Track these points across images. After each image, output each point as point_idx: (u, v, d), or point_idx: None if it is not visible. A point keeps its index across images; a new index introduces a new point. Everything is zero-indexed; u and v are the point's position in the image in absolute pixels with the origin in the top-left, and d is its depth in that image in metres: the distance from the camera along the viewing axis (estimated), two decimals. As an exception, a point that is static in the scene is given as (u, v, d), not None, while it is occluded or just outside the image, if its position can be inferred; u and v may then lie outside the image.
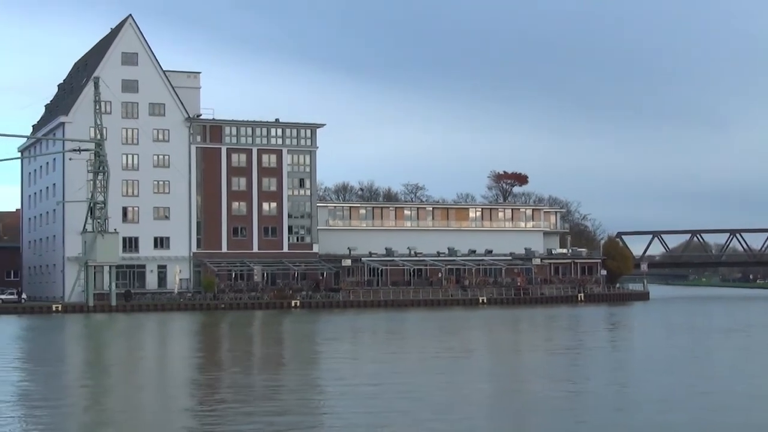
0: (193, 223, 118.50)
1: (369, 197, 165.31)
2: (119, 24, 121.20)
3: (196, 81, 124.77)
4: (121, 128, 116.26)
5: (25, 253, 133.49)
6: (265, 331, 70.17)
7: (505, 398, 30.43)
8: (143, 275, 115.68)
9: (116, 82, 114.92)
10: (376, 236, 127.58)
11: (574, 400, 29.84)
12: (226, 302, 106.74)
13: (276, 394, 30.53)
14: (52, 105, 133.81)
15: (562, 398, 30.04)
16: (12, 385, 33.25)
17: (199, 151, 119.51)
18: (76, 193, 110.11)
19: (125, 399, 30.15)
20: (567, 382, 33.93)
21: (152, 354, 49.22)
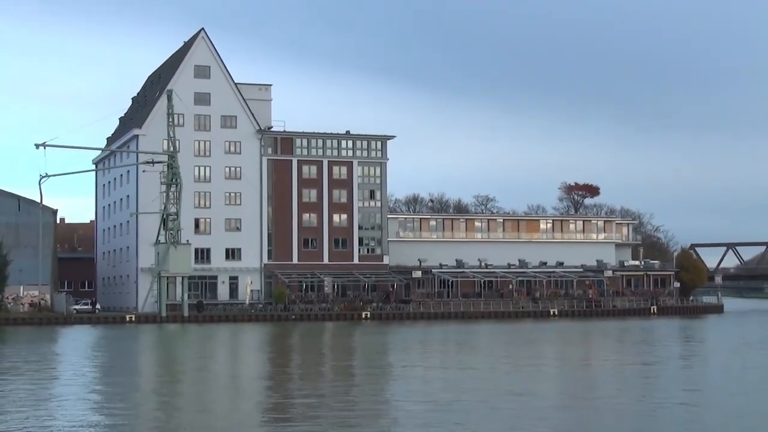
0: (264, 234, 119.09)
1: (439, 209, 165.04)
2: (192, 38, 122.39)
3: (268, 93, 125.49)
4: (194, 140, 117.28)
5: (100, 263, 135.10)
6: (335, 342, 70.26)
7: (575, 411, 30.11)
8: (215, 286, 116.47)
9: (189, 94, 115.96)
10: (446, 248, 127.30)
11: (646, 415, 29.43)
12: (297, 313, 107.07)
13: (346, 404, 30.50)
14: (126, 118, 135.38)
15: (631, 413, 29.66)
16: (89, 394, 33.60)
17: (270, 162, 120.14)
18: (149, 204, 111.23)
19: (198, 408, 30.31)
20: (638, 397, 33.47)
21: (224, 364, 49.47)
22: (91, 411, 28.84)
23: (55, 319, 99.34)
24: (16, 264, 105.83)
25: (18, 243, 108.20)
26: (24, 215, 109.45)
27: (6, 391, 32.78)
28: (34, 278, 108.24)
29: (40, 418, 27.07)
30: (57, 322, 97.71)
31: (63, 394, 32.89)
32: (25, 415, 27.49)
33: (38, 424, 26.05)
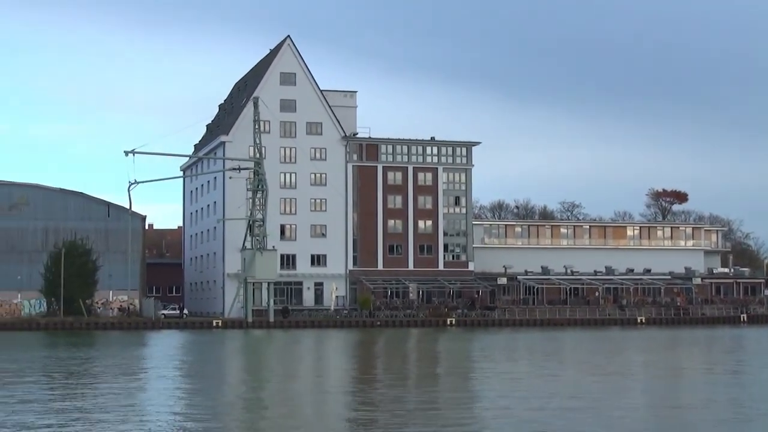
0: (349, 240, 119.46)
1: (525, 215, 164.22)
2: (278, 45, 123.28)
3: (353, 100, 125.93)
4: (280, 147, 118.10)
5: (187, 269, 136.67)
6: (420, 348, 70.09)
7: (664, 421, 29.60)
8: (300, 292, 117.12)
9: (275, 101, 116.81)
10: (532, 254, 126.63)
11: (735, 427, 28.83)
12: (382, 320, 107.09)
13: (432, 411, 30.35)
14: (213, 125, 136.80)
15: (720, 424, 29.08)
16: (176, 398, 33.88)
17: (355, 169, 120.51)
18: (235, 210, 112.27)
19: (284, 412, 30.39)
20: (729, 407, 32.81)
21: (310, 369, 49.61)
22: (178, 415, 29.04)
23: (143, 324, 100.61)
24: (106, 269, 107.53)
25: (108, 248, 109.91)
26: (113, 221, 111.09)
27: (95, 396, 33.16)
28: (123, 283, 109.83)
29: (129, 421, 27.32)
30: (145, 327, 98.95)
31: (151, 398, 33.19)
32: (114, 418, 27.76)
33: (128, 428, 26.28)
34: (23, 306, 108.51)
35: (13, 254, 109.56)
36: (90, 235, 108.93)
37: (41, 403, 30.86)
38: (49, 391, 34.72)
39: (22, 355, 57.99)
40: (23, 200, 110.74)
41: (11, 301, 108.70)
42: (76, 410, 29.30)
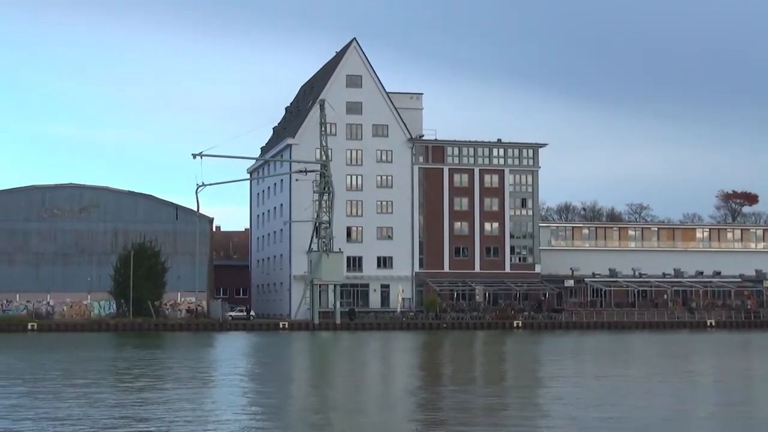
0: (415, 242, 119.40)
1: (592, 217, 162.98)
2: (344, 48, 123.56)
3: (419, 102, 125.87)
4: (346, 149, 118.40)
5: (254, 271, 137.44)
6: (487, 350, 69.81)
7: (735, 426, 29.14)
8: (367, 294, 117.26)
9: (341, 104, 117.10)
10: (599, 257, 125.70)
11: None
12: (448, 322, 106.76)
13: (498, 414, 30.18)
14: (279, 127, 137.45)
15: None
16: (243, 399, 34.03)
17: (421, 171, 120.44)
18: (302, 213, 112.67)
19: (351, 413, 30.40)
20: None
21: (377, 371, 49.60)
22: (245, 416, 29.15)
23: (211, 326, 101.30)
24: (174, 271, 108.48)
25: (176, 251, 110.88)
26: (182, 224, 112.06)
27: (164, 398, 33.41)
28: (191, 285, 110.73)
29: (197, 422, 27.46)
30: (213, 329, 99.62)
31: (218, 400, 33.36)
32: (182, 419, 27.93)
33: (196, 428, 26.42)
34: (93, 307, 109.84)
35: (84, 256, 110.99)
36: (158, 237, 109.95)
37: (109, 404, 31.14)
38: (119, 392, 35.03)
39: (93, 355, 58.62)
40: (93, 203, 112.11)
41: (81, 302, 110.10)
42: (145, 411, 29.52)
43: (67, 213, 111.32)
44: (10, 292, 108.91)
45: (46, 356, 56.32)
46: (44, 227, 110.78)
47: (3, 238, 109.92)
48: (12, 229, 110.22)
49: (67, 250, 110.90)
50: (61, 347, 66.88)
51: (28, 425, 26.12)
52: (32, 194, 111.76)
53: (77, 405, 30.59)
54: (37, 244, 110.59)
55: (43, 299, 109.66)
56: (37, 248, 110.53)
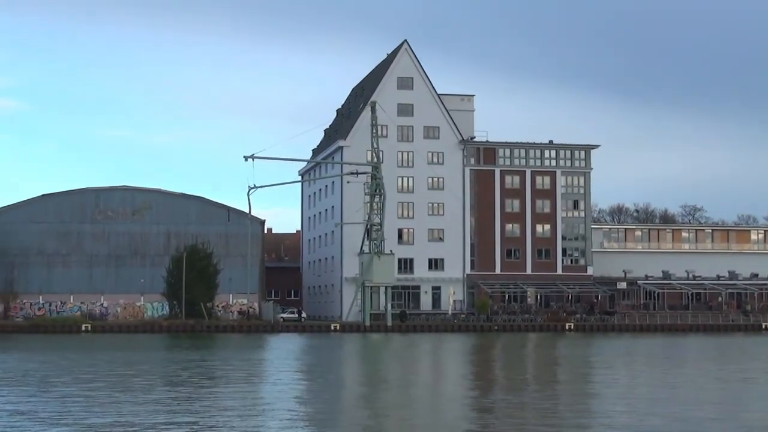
0: (467, 244, 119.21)
1: (645, 219, 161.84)
2: (395, 50, 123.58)
3: (470, 104, 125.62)
4: (397, 151, 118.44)
5: (305, 273, 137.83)
6: (539, 353, 69.42)
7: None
8: (418, 296, 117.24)
9: (392, 106, 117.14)
10: (652, 259, 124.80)
11: None
12: (499, 324, 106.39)
13: (550, 418, 29.95)
14: (330, 130, 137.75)
15: None
16: (295, 401, 34.06)
17: (472, 173, 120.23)
18: (353, 215, 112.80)
19: (403, 416, 30.33)
20: None
21: (428, 373, 49.50)
22: (296, 419, 29.16)
23: (262, 327, 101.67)
24: (226, 273, 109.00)
25: (228, 253, 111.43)
26: (233, 226, 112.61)
27: (216, 399, 33.52)
28: (243, 287, 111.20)
29: (249, 423, 27.53)
30: (264, 330, 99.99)
31: (269, 401, 33.42)
32: (234, 419, 28.01)
33: (248, 429, 26.48)
34: (146, 309, 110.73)
35: (137, 258, 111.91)
36: (210, 239, 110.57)
37: (165, 404, 31.29)
38: (174, 392, 35.20)
39: (147, 356, 59.02)
40: (146, 205, 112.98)
41: (135, 303, 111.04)
42: (199, 410, 29.63)
43: (120, 215, 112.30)
44: (64, 294, 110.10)
45: (98, 357, 56.75)
46: (98, 229, 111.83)
47: (58, 240, 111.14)
48: (67, 231, 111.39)
49: (120, 252, 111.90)
50: (114, 348, 67.40)
51: (83, 427, 26.28)
52: (86, 196, 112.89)
53: (129, 405, 30.77)
54: (91, 246, 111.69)
55: (97, 301, 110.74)
56: (91, 250, 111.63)
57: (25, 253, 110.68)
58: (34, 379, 41.07)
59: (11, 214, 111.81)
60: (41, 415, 28.58)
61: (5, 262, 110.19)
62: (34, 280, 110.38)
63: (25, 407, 30.52)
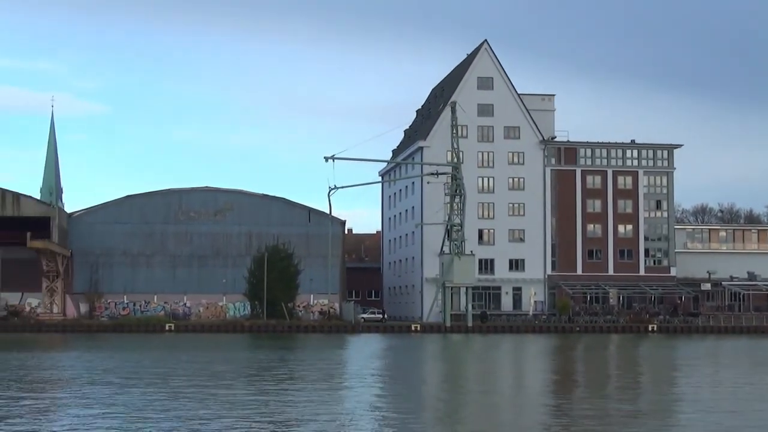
0: (547, 245, 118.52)
1: (729, 219, 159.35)
2: (475, 50, 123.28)
3: (551, 103, 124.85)
4: (477, 152, 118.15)
5: (386, 273, 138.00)
6: (622, 355, 68.69)
7: None
8: (498, 297, 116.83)
9: (472, 106, 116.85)
10: (737, 259, 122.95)
11: None
12: (581, 325, 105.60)
13: (633, 421, 29.57)
14: (410, 130, 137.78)
15: None
16: (376, 401, 34.07)
17: (553, 173, 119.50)
18: (433, 215, 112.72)
19: (483, 419, 30.18)
20: None
21: (509, 374, 49.24)
22: (376, 420, 29.15)
23: (343, 328, 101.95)
24: (307, 273, 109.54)
25: (309, 253, 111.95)
26: (314, 226, 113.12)
27: (296, 400, 33.64)
28: (324, 287, 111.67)
29: (331, 423, 27.57)
30: (345, 331, 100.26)
31: (350, 401, 33.46)
32: (315, 419, 28.08)
33: (328, 429, 26.52)
34: (228, 309, 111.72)
35: (219, 258, 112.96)
36: (291, 239, 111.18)
37: (244, 404, 31.48)
38: (255, 392, 35.41)
39: (230, 356, 59.49)
40: (228, 206, 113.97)
41: (217, 304, 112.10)
42: (279, 411, 29.76)
43: (202, 216, 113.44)
44: (148, 294, 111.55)
45: (182, 356, 57.30)
46: (181, 230, 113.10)
47: (142, 241, 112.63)
48: (150, 231, 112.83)
49: (202, 253, 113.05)
50: (197, 348, 68.04)
51: (168, 425, 26.54)
52: (169, 197, 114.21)
53: (214, 404, 31.00)
54: (173, 247, 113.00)
55: (180, 300, 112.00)
56: (173, 250, 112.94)
57: (109, 253, 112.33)
58: (150, 375, 41.58)
59: (96, 215, 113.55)
60: (155, 408, 28.95)
61: (90, 262, 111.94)
62: (118, 281, 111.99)
63: (140, 402, 30.92)
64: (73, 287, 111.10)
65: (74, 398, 32.85)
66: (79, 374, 42.99)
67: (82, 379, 40.51)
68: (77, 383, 38.35)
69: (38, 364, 49.92)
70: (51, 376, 42.80)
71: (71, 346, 71.15)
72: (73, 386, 37.01)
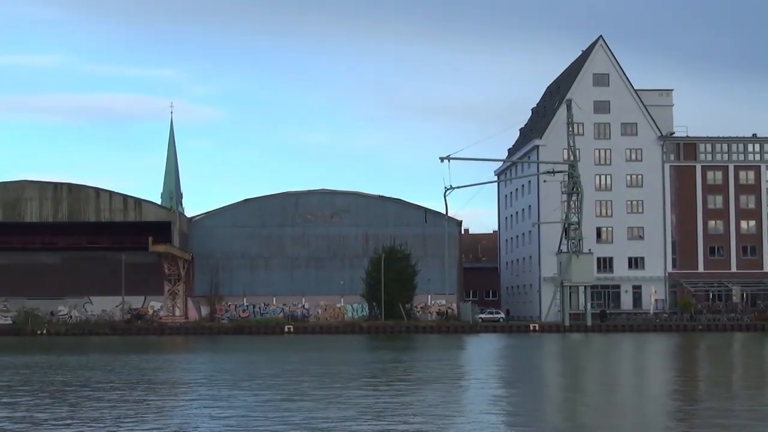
0: (667, 242, 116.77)
1: None
2: (590, 46, 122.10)
3: (669, 99, 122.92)
4: (594, 149, 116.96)
5: (503, 273, 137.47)
6: (746, 354, 67.16)
7: None
8: (618, 295, 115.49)
9: (588, 103, 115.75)
10: None
11: None
12: (703, 323, 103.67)
13: (760, 424, 28.85)
14: (526, 129, 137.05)
15: None
16: (496, 401, 33.89)
17: (672, 169, 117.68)
18: (550, 214, 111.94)
19: (604, 421, 29.79)
20: None
21: (630, 375, 48.54)
22: (495, 423, 28.98)
23: (461, 328, 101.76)
24: (424, 274, 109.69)
25: (425, 254, 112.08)
26: (430, 227, 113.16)
27: (416, 400, 33.62)
28: (441, 288, 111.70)
29: (449, 425, 27.50)
30: (463, 331, 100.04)
31: (469, 401, 33.33)
32: (433, 420, 28.02)
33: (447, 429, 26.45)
34: (346, 310, 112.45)
35: (336, 260, 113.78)
36: (408, 240, 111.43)
37: (354, 404, 31.56)
38: (373, 392, 35.50)
39: (350, 357, 59.79)
40: (345, 208, 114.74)
41: (335, 305, 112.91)
42: (395, 411, 29.77)
43: (319, 218, 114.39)
44: (267, 296, 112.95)
45: (300, 357, 57.77)
46: (298, 232, 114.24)
47: (261, 244, 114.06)
48: (269, 234, 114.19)
49: (319, 254, 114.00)
50: (317, 349, 68.56)
51: (285, 428, 26.76)
52: (287, 200, 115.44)
53: (331, 405, 31.16)
54: (291, 249, 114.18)
55: (298, 302, 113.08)
56: (291, 253, 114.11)
57: (228, 256, 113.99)
58: (287, 374, 42.09)
59: (215, 219, 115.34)
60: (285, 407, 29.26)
61: (210, 265, 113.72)
62: (238, 283, 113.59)
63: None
64: (194, 290, 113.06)
65: (197, 399, 33.32)
66: (204, 376, 43.64)
67: (214, 380, 41.10)
68: (204, 384, 38.91)
69: (164, 366, 50.78)
70: (178, 378, 43.51)
71: (196, 348, 72.32)
72: (200, 388, 37.55)
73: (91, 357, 59.72)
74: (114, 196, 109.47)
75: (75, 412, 29.66)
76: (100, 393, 35.20)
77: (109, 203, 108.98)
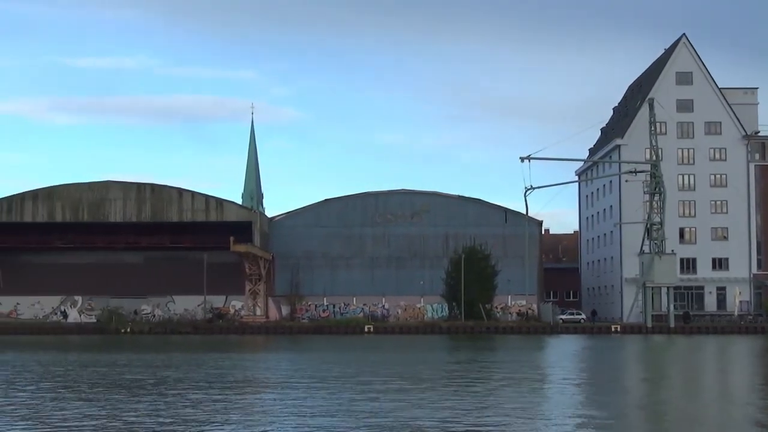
0: (753, 243, 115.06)
1: None
2: (673, 44, 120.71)
3: (753, 97, 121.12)
4: (677, 148, 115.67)
5: (584, 274, 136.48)
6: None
7: None
8: (701, 297, 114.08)
9: (671, 102, 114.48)
10: None
11: None
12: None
13: None
14: (607, 128, 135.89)
15: None
16: (575, 403, 33.69)
17: (757, 169, 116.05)
18: (632, 214, 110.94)
19: (687, 422, 29.45)
20: None
21: (713, 378, 47.92)
22: (575, 425, 28.81)
23: (541, 329, 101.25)
24: (504, 274, 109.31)
25: (505, 254, 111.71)
26: (510, 227, 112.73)
27: (497, 400, 33.54)
28: (521, 288, 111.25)
29: (531, 426, 27.42)
30: (543, 332, 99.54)
31: (549, 403, 33.19)
32: (513, 421, 27.94)
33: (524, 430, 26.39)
34: (426, 310, 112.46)
35: (416, 260, 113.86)
36: (488, 240, 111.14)
37: (429, 403, 31.57)
38: (446, 393, 35.48)
39: (430, 356, 59.83)
40: (425, 208, 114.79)
41: (415, 305, 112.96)
42: (472, 411, 29.74)
43: (399, 218, 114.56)
44: (347, 296, 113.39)
45: (380, 357, 57.90)
46: (378, 232, 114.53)
47: (342, 244, 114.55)
48: (350, 234, 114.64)
49: (400, 254, 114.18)
50: (397, 349, 68.71)
51: (350, 423, 26.87)
52: (367, 201, 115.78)
53: (406, 405, 31.19)
54: (372, 249, 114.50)
55: (378, 302, 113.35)
56: (372, 253, 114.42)
57: (309, 256, 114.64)
58: (367, 375, 42.34)
59: (296, 218, 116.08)
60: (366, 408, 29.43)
61: (291, 265, 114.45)
62: (318, 283, 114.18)
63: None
64: (275, 290, 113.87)
65: (278, 399, 33.57)
66: (285, 375, 43.97)
67: (294, 379, 41.40)
68: (286, 384, 39.20)
69: (246, 365, 51.21)
70: (262, 376, 43.89)
71: (276, 348, 72.84)
72: (282, 387, 37.84)
73: (172, 356, 60.45)
74: (196, 197, 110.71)
75: (166, 410, 30.08)
76: (193, 393, 35.67)
77: (191, 203, 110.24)
